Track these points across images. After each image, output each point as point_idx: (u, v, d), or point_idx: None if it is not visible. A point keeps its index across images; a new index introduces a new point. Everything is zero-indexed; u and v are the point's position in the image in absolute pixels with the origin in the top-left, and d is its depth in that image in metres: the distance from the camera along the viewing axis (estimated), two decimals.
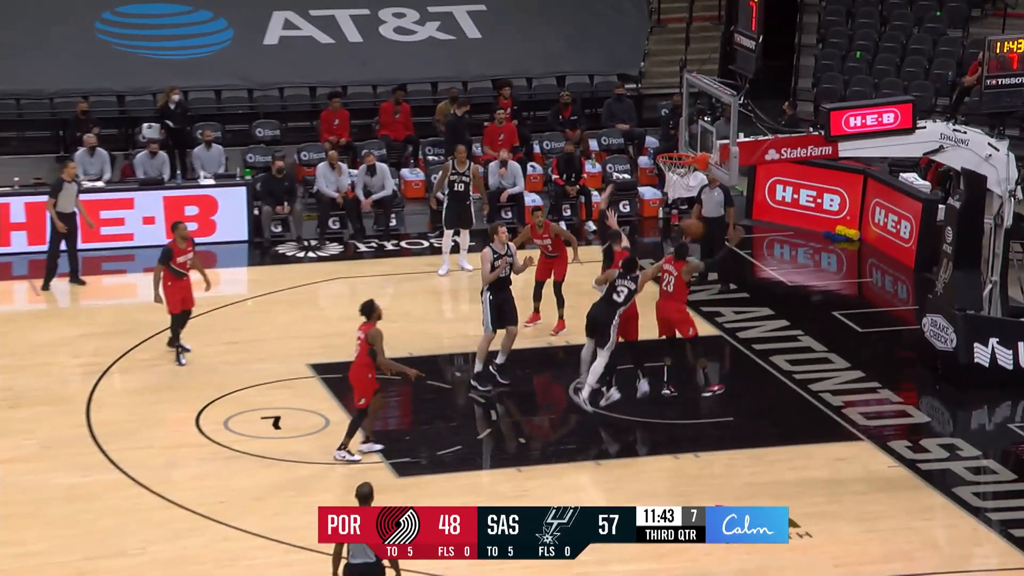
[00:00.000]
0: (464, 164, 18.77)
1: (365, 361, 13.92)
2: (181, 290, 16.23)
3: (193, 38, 23.20)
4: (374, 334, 13.91)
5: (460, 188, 18.73)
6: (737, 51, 16.85)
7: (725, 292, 17.98)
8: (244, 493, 13.74)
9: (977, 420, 15.76)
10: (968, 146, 15.67)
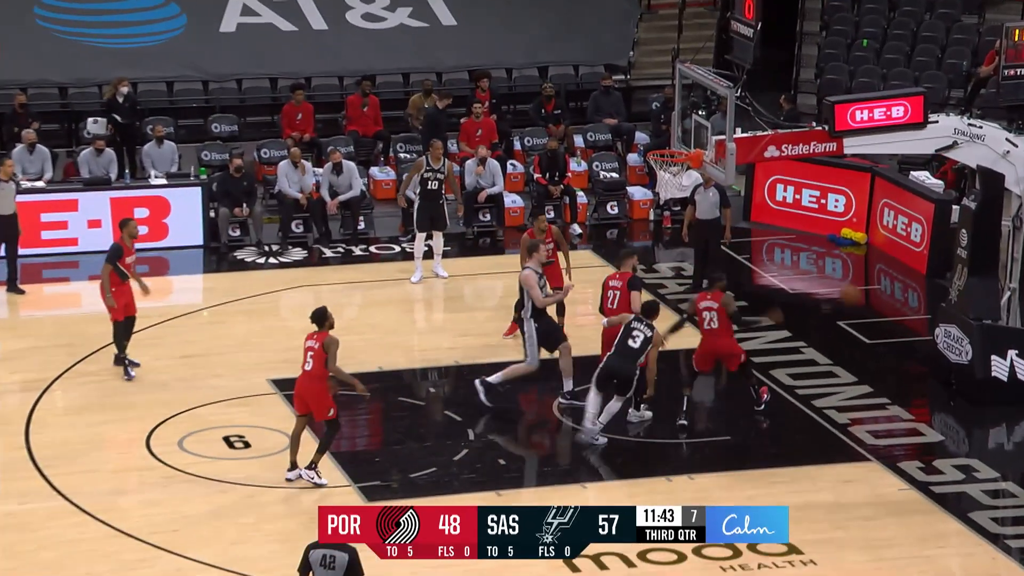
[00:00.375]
0: (439, 161, 18.74)
1: (322, 373, 13.91)
2: (125, 295, 16.20)
3: (142, 25, 23.14)
4: (331, 342, 13.89)
5: (434, 187, 18.65)
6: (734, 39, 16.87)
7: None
8: (199, 520, 13.68)
9: (995, 439, 15.80)
10: (984, 142, 15.73)
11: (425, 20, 24.06)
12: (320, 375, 13.94)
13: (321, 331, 14.00)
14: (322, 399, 14.01)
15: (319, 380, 13.95)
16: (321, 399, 14.01)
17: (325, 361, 13.86)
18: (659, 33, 25.12)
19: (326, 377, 13.94)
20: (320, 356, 13.87)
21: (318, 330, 14.01)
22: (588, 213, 21.45)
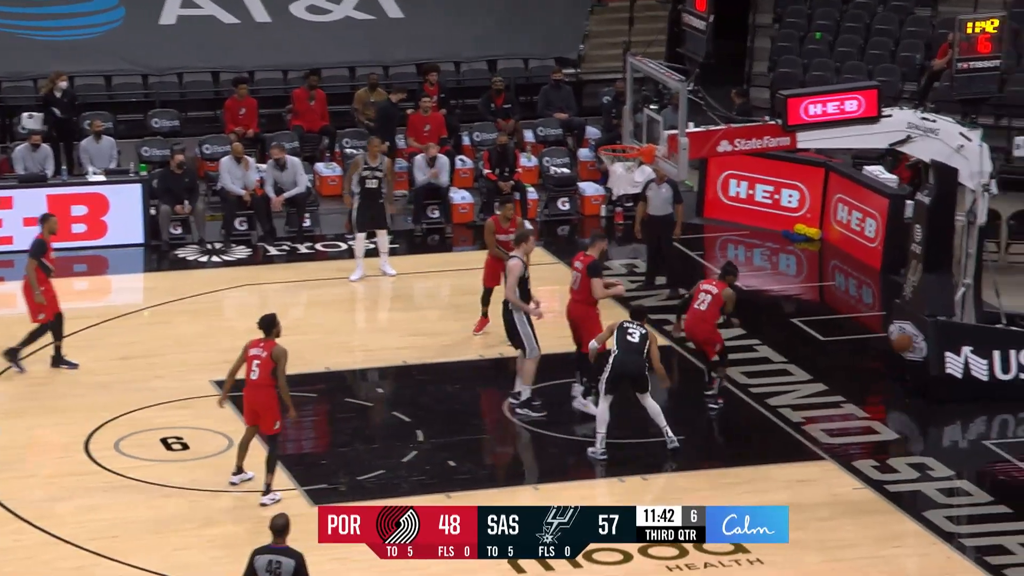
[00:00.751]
0: (376, 158, 18.67)
1: (269, 382, 13.71)
2: (51, 290, 16.04)
3: (80, 17, 22.92)
4: (281, 352, 13.72)
5: (373, 185, 18.51)
6: (686, 32, 16.91)
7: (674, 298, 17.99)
8: (140, 526, 13.56)
9: (949, 437, 15.91)
10: (938, 136, 15.82)
11: (372, 13, 23.97)
12: (267, 383, 13.74)
13: (268, 339, 13.80)
14: (270, 410, 13.82)
15: (266, 389, 13.76)
16: (269, 410, 13.82)
17: (272, 370, 13.70)
18: (610, 26, 25.14)
19: (273, 385, 13.75)
20: (267, 365, 13.68)
21: (265, 337, 13.83)
22: (539, 209, 21.43)
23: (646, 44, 22.15)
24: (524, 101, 23.57)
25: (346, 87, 23.28)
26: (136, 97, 22.97)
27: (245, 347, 13.84)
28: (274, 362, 13.64)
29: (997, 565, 13.15)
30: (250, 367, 13.75)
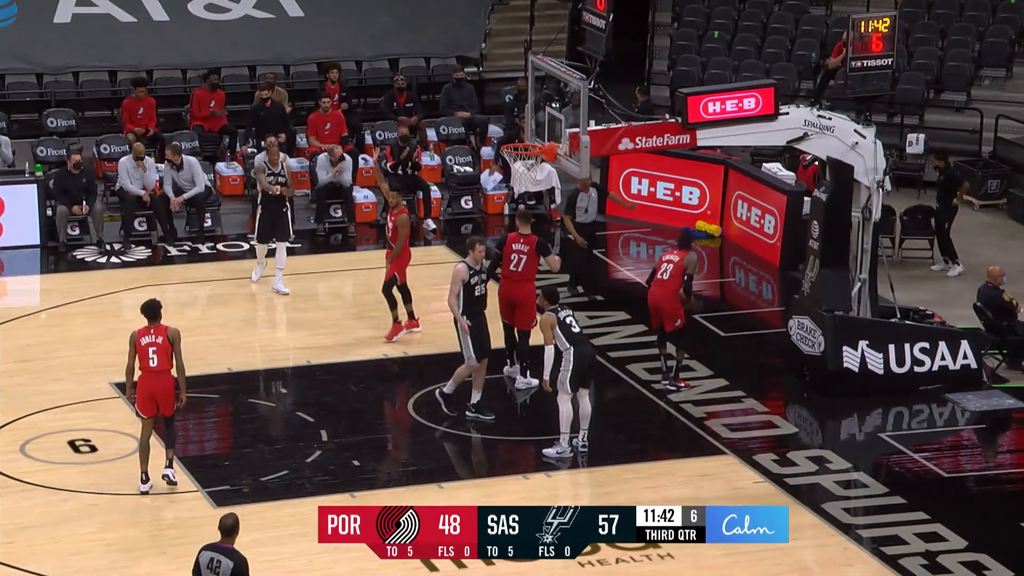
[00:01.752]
0: (277, 164, 18.14)
1: (169, 366, 13.72)
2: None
3: None
4: (175, 333, 13.74)
5: (276, 192, 18.11)
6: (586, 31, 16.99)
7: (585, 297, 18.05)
8: (37, 532, 13.40)
9: (847, 430, 16.15)
10: (834, 133, 16.04)
11: (271, 11, 23.82)
12: (168, 367, 13.73)
13: (158, 325, 13.78)
14: (170, 394, 13.81)
15: (166, 375, 13.74)
16: (169, 394, 13.81)
17: (171, 354, 13.66)
18: (511, 24, 25.22)
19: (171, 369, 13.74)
20: (166, 349, 13.66)
21: (153, 324, 13.77)
22: (442, 208, 21.45)
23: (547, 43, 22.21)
24: (426, 100, 23.57)
25: (247, 86, 23.13)
26: (30, 96, 22.64)
27: (132, 339, 13.73)
28: (171, 344, 13.64)
29: (892, 555, 13.40)
30: (146, 356, 13.68)
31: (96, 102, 22.84)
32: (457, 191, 21.68)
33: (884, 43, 16.35)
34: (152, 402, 13.86)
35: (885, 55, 16.43)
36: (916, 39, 23.89)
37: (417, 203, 21.08)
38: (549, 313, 14.52)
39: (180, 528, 13.46)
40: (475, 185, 21.74)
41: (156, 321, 13.82)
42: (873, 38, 16.39)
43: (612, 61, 16.24)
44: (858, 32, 16.35)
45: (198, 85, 22.38)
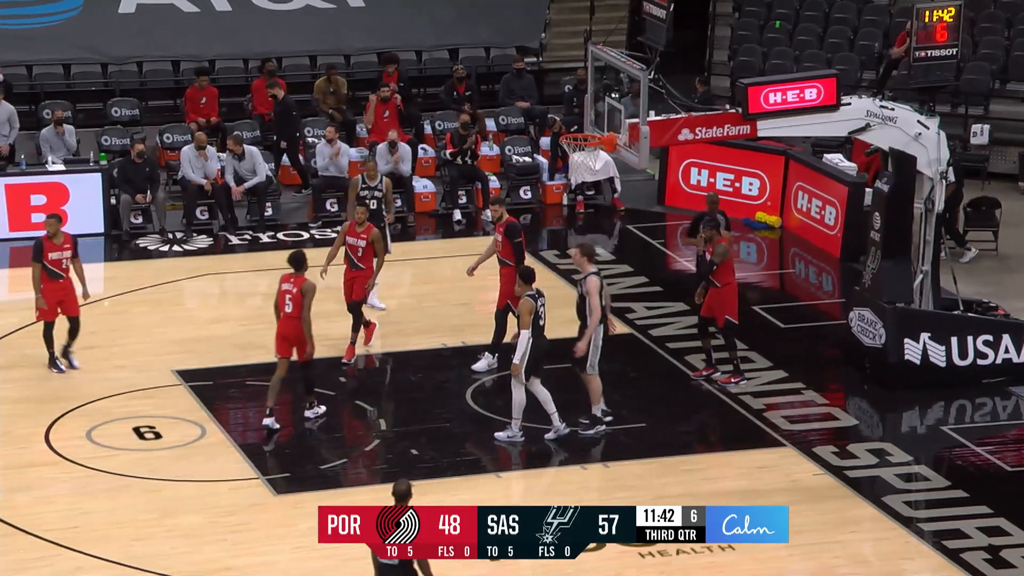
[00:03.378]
0: (375, 177, 17.49)
1: (300, 314, 14.73)
2: (56, 293, 15.84)
3: (38, 5, 22.77)
4: (309, 288, 14.68)
5: (372, 206, 17.19)
6: (647, 21, 16.95)
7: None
8: (100, 517, 13.54)
9: (908, 423, 16.03)
10: (896, 124, 15.91)
11: (332, 1, 23.90)
12: (299, 316, 14.75)
13: (299, 275, 14.76)
14: (302, 341, 14.80)
15: (299, 320, 14.75)
16: (302, 339, 14.79)
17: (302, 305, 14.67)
18: (571, 15, 25.16)
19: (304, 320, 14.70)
20: (298, 300, 14.69)
21: (295, 273, 14.75)
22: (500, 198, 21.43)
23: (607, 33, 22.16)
24: (486, 90, 23.58)
25: (307, 76, 23.23)
26: (96, 86, 22.85)
27: (280, 281, 14.91)
28: (303, 296, 14.64)
29: (954, 549, 13.28)
30: (283, 301, 14.81)
31: (159, 92, 23.02)
32: (516, 181, 21.68)
33: (949, 33, 16.23)
34: (286, 344, 14.85)
35: (950, 45, 16.31)
36: (981, 28, 23.63)
37: (475, 193, 21.12)
38: (528, 299, 14.51)
39: (240, 515, 13.56)
40: (534, 175, 21.73)
41: (299, 271, 14.75)
42: (938, 28, 16.26)
43: (672, 51, 16.21)
44: (922, 22, 16.24)
45: (258, 75, 22.50)
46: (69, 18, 22.91)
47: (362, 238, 16.12)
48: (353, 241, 16.14)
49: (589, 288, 14.67)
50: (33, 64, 22.36)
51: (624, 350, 16.70)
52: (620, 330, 17.03)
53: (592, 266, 14.87)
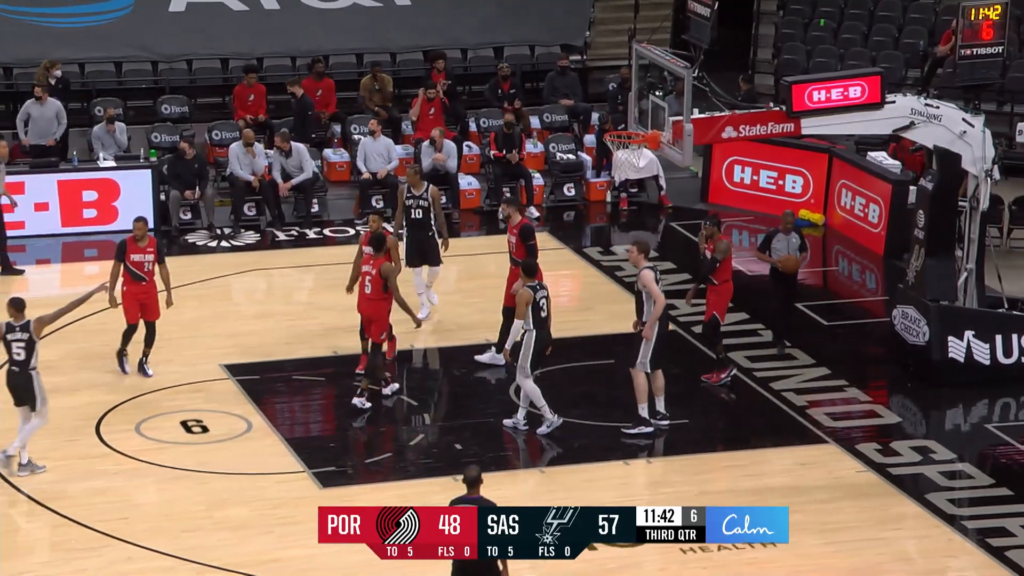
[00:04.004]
0: (420, 186, 16.81)
1: (380, 296, 15.14)
2: (137, 296, 15.77)
3: (90, 4, 22.92)
4: (389, 270, 15.11)
5: (418, 215, 16.74)
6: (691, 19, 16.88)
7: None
8: (150, 508, 13.63)
9: (952, 420, 15.93)
10: (941, 122, 15.80)
11: (378, 1, 23.95)
12: (378, 297, 15.14)
13: (378, 257, 15.15)
14: (380, 320, 15.18)
15: (377, 302, 15.16)
16: (379, 320, 15.17)
17: (383, 286, 15.05)
18: (615, 13, 25.11)
19: (382, 299, 15.11)
20: (377, 281, 15.10)
21: (375, 255, 15.13)
22: (544, 195, 21.45)
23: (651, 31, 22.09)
24: (530, 88, 23.56)
25: (353, 74, 23.29)
26: (146, 84, 22.99)
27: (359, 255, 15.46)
28: (383, 279, 15.08)
29: (998, 547, 13.18)
30: (363, 283, 15.21)
31: (208, 89, 23.12)
32: (560, 178, 21.66)
33: (995, 31, 16.10)
34: (367, 321, 15.25)
35: (995, 43, 16.17)
36: None
37: (519, 190, 21.12)
38: (526, 289, 14.52)
39: (286, 508, 13.61)
40: (578, 172, 21.71)
41: (379, 253, 15.17)
42: (983, 26, 16.13)
43: (716, 49, 16.12)
44: (968, 19, 16.09)
45: (306, 73, 22.58)
46: (120, 17, 23.05)
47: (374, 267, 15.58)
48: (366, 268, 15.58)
49: (645, 282, 14.64)
50: (85, 62, 22.51)
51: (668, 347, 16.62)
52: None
53: (647, 261, 14.81)
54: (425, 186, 16.99)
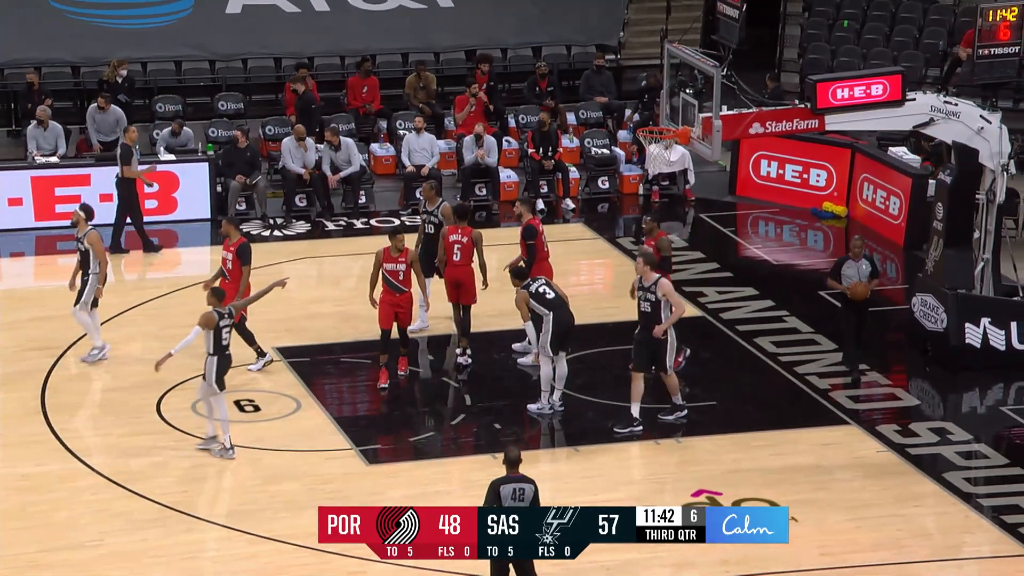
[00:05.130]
0: (434, 202, 16.43)
1: (468, 262, 15.60)
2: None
3: (152, 6, 23.03)
4: (478, 236, 15.53)
5: (431, 230, 16.38)
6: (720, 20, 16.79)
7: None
8: (207, 483, 13.69)
9: (968, 403, 15.81)
10: (959, 119, 15.70)
11: (423, 2, 23.95)
12: (466, 263, 15.58)
13: (466, 226, 15.59)
14: (471, 285, 15.62)
15: (466, 267, 15.58)
16: (470, 285, 15.61)
17: (471, 252, 15.50)
18: (648, 14, 25.02)
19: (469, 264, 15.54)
20: (468, 248, 15.53)
21: (460, 223, 15.56)
22: (580, 188, 21.41)
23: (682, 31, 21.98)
24: (566, 85, 23.51)
25: (399, 72, 23.30)
26: (204, 81, 23.07)
27: (443, 234, 15.65)
28: (474, 244, 15.53)
29: (1013, 524, 13.09)
30: (452, 251, 15.54)
31: (262, 87, 23.19)
32: (595, 172, 21.61)
33: (1012, 32, 15.95)
34: (456, 290, 15.60)
35: (1012, 43, 16.02)
36: None
37: (556, 183, 21.09)
38: (521, 291, 14.56)
39: (335, 483, 13.65)
40: (612, 166, 21.65)
41: (463, 222, 15.58)
42: (1001, 27, 15.99)
43: (744, 49, 16.03)
44: (986, 20, 15.95)
45: (354, 72, 22.60)
46: (181, 18, 23.14)
47: (401, 262, 15.35)
48: (392, 267, 15.34)
49: (665, 291, 14.19)
50: (148, 61, 22.62)
51: (696, 332, 16.59)
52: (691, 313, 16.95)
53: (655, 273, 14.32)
54: (438, 202, 16.43)
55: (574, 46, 24.19)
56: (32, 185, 19.76)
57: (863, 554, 12.60)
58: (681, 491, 13.40)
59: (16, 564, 12.33)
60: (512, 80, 23.64)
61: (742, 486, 13.52)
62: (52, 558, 12.46)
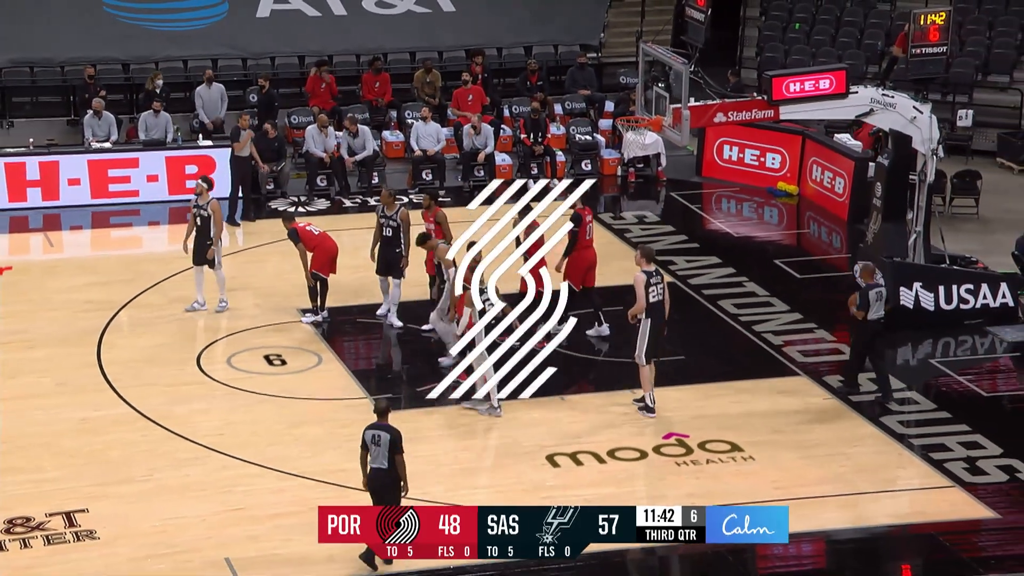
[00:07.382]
0: (392, 207, 15.72)
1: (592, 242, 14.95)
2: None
3: (191, 11, 22.89)
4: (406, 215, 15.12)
5: (388, 233, 15.67)
6: (688, 23, 16.72)
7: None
8: (241, 426, 13.69)
9: (902, 356, 15.82)
10: (896, 109, 15.68)
11: (428, 7, 23.85)
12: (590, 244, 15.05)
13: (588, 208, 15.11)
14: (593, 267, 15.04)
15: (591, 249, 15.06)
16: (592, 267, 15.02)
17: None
18: (626, 17, 24.93)
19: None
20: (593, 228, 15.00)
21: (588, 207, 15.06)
22: (566, 170, 21.34)
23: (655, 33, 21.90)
24: (554, 80, 23.42)
25: (407, 68, 23.21)
26: (237, 76, 22.92)
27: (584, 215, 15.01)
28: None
29: (939, 459, 13.16)
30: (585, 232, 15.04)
31: (288, 81, 23.06)
32: (579, 155, 21.54)
33: (940, 33, 15.92)
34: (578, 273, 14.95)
35: (941, 43, 16.01)
36: (967, 30, 23.11)
37: (545, 165, 21.02)
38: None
39: (353, 428, 13.55)
40: (594, 151, 21.57)
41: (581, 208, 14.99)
42: (931, 29, 15.98)
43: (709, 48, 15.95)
44: (918, 24, 15.93)
45: (367, 68, 22.48)
46: (217, 21, 23.00)
47: (430, 223, 15.31)
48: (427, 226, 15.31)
49: (636, 283, 13.59)
50: (187, 59, 22.49)
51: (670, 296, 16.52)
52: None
53: (650, 266, 13.59)
54: (396, 207, 15.74)
55: (561, 45, 24.08)
56: (88, 167, 19.68)
57: (811, 487, 12.64)
58: (656, 434, 13.43)
59: (79, 495, 12.37)
60: (506, 75, 23.54)
61: (707, 429, 13.56)
62: (108, 491, 12.48)
